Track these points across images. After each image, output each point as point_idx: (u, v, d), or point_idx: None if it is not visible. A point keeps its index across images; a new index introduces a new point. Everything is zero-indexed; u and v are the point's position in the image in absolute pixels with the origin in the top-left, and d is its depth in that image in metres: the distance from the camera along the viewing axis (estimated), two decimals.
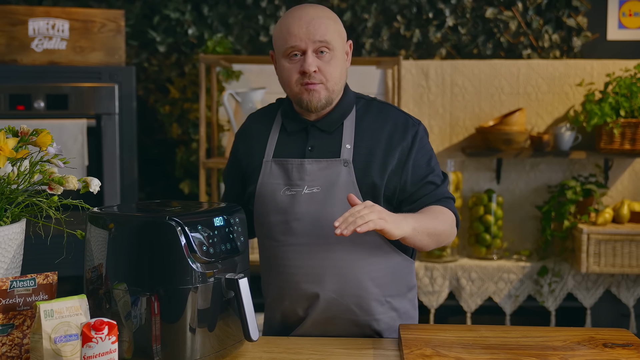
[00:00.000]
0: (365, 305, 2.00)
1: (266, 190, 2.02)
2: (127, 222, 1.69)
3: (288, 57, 1.97)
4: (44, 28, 3.50)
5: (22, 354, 1.65)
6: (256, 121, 2.16)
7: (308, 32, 1.93)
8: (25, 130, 1.77)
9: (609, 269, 3.64)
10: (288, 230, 2.00)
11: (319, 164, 1.99)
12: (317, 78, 1.96)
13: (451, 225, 2.03)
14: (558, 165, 4.05)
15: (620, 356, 1.70)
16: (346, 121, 2.04)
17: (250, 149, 2.10)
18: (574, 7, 4.12)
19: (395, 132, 2.03)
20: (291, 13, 1.99)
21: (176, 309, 1.64)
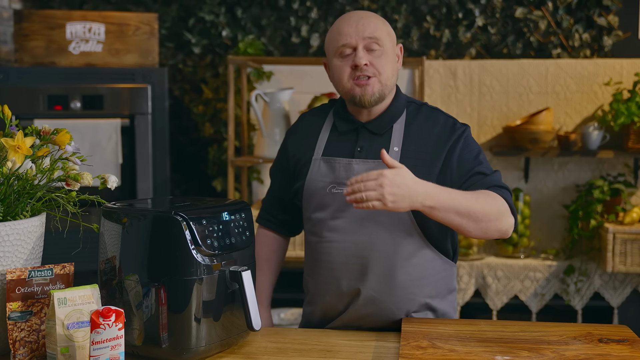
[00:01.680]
0: (403, 305, 2.06)
1: (313, 187, 2.10)
2: (137, 216, 1.79)
3: (340, 56, 2.05)
4: (81, 31, 3.64)
5: (39, 339, 1.76)
6: (308, 120, 2.23)
7: (357, 29, 2.02)
8: (47, 129, 1.88)
9: (636, 269, 3.64)
10: (332, 227, 2.06)
11: (366, 164, 2.05)
12: (369, 71, 2.02)
13: (498, 210, 1.94)
14: (587, 165, 4.05)
15: (612, 351, 1.74)
16: (396, 124, 2.09)
17: (300, 147, 2.18)
18: (604, 6, 4.11)
19: (442, 135, 2.06)
20: (341, 17, 2.09)
21: (182, 299, 1.73)
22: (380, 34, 2.04)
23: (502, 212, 1.96)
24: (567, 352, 1.72)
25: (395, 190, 1.81)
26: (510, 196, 2.02)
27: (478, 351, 1.73)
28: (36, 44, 3.64)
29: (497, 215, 1.94)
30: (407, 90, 4.10)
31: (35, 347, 1.76)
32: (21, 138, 1.72)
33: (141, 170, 3.59)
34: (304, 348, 1.88)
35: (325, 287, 2.11)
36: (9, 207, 1.80)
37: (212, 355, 1.80)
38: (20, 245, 1.77)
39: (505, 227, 1.98)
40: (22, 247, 1.78)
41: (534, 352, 1.73)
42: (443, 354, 1.71)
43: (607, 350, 1.74)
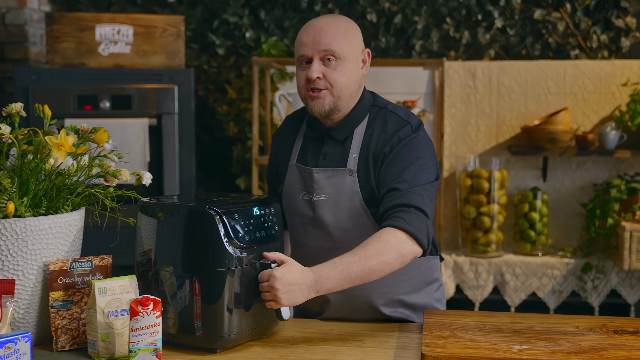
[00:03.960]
0: (373, 304, 2.12)
1: (289, 193, 2.15)
2: (172, 211, 1.88)
3: (299, 65, 2.07)
4: (110, 33, 3.75)
5: (79, 327, 1.86)
6: (288, 123, 2.28)
7: (314, 41, 2.01)
8: (85, 128, 1.98)
9: None
10: (304, 233, 2.14)
11: (325, 173, 2.08)
12: (321, 84, 2.02)
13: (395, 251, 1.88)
14: (604, 164, 4.11)
15: (627, 341, 1.81)
16: (357, 130, 2.10)
17: (280, 151, 2.23)
18: (622, 7, 4.17)
19: (386, 139, 2.06)
20: (306, 25, 2.09)
21: (215, 289, 1.82)
22: (336, 46, 2.01)
23: (398, 248, 1.89)
24: (583, 342, 1.80)
25: (287, 289, 1.80)
26: (416, 216, 1.93)
27: (497, 341, 1.81)
28: (67, 45, 3.75)
29: (395, 256, 1.88)
30: (427, 90, 4.18)
31: (76, 334, 1.86)
32: (64, 136, 1.81)
33: (168, 168, 3.69)
34: (330, 337, 1.96)
35: None
36: (51, 202, 1.90)
37: (243, 343, 1.89)
38: (62, 237, 1.87)
39: (409, 257, 1.92)
40: (63, 240, 1.88)
41: (551, 342, 1.80)
42: (464, 343, 1.79)
43: (622, 341, 1.81)
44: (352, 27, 2.10)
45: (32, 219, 1.80)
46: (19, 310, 1.83)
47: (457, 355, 1.71)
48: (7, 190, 1.82)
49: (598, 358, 1.68)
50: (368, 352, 1.84)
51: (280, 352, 1.85)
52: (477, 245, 3.98)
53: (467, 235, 4.04)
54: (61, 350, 1.84)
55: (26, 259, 1.81)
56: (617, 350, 1.74)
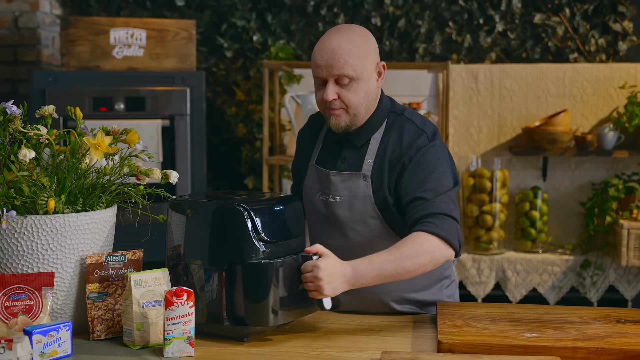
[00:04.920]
0: (384, 300, 2.23)
1: (308, 192, 2.26)
2: (202, 207, 1.99)
3: (316, 82, 2.15)
4: (124, 37, 3.87)
5: (114, 317, 1.97)
6: (311, 124, 2.38)
7: (328, 64, 2.06)
8: (116, 129, 2.09)
9: None
10: (321, 231, 2.25)
11: (341, 176, 2.17)
12: (337, 104, 2.10)
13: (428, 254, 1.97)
14: (602, 164, 4.24)
15: (630, 329, 1.93)
16: (374, 136, 2.17)
17: (304, 150, 2.34)
18: (619, 12, 4.30)
19: (403, 148, 2.12)
20: (320, 41, 2.11)
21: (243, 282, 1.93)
22: (349, 70, 2.05)
23: (432, 252, 1.97)
24: (589, 330, 1.92)
25: (329, 279, 1.89)
26: (447, 222, 2.01)
27: (508, 329, 1.93)
28: (82, 48, 3.86)
29: (429, 259, 1.97)
30: (431, 92, 4.30)
31: (111, 324, 1.97)
32: (101, 137, 1.93)
33: (180, 168, 3.81)
34: (350, 328, 2.08)
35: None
36: (86, 199, 2.01)
37: (267, 331, 2.00)
38: (97, 233, 1.98)
39: (442, 260, 2.00)
40: (98, 235, 1.99)
41: (558, 330, 1.92)
42: (477, 332, 1.91)
43: (625, 329, 1.93)
44: (366, 41, 2.12)
45: (71, 215, 1.91)
46: (57, 301, 1.94)
47: (472, 342, 1.83)
48: (46, 188, 1.92)
49: (604, 344, 1.80)
50: (386, 341, 1.96)
51: (304, 341, 1.96)
52: (480, 243, 4.11)
53: (469, 233, 4.17)
54: (97, 339, 1.95)
55: (65, 253, 1.92)
56: (621, 337, 1.86)
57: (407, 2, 4.40)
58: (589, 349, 1.78)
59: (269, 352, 1.87)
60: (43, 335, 1.77)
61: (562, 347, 1.79)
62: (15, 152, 1.93)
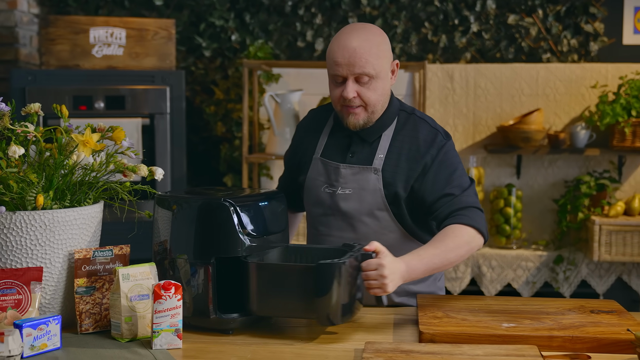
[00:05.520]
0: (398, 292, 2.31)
1: (312, 184, 2.32)
2: (188, 203, 2.03)
3: (333, 80, 2.19)
4: (104, 36, 3.89)
5: (102, 312, 2.00)
6: (314, 117, 2.44)
7: (349, 63, 2.11)
8: (102, 127, 2.12)
9: (620, 258, 3.93)
10: (326, 223, 2.30)
11: (352, 169, 2.24)
12: (356, 102, 2.17)
13: (466, 244, 2.11)
14: (574, 162, 4.34)
15: (603, 319, 2.00)
16: (385, 133, 2.25)
17: (305, 143, 2.39)
18: (591, 13, 4.39)
19: (421, 146, 2.21)
20: (338, 39, 2.16)
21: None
22: (370, 68, 2.12)
23: (470, 242, 2.13)
24: (564, 320, 1.99)
25: (392, 277, 1.96)
26: (476, 213, 2.15)
27: (487, 320, 1.99)
28: (61, 47, 3.87)
29: (467, 249, 2.13)
30: (408, 92, 4.37)
31: (98, 318, 2.00)
32: (89, 134, 1.96)
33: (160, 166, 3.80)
34: None
35: None
36: (74, 195, 2.04)
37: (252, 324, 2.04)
38: (85, 228, 2.01)
39: (476, 248, 2.17)
40: (86, 230, 2.02)
41: (535, 320, 1.99)
42: (457, 322, 1.97)
43: (598, 319, 2.00)
44: (383, 40, 2.19)
45: (59, 211, 1.94)
46: (45, 296, 1.96)
47: (452, 332, 1.89)
48: (34, 185, 1.95)
49: (579, 333, 1.87)
50: (369, 331, 2.01)
51: (289, 333, 2.01)
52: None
53: None
54: (85, 333, 1.98)
55: (53, 248, 1.95)
56: (595, 326, 1.93)
57: (384, 2, 4.47)
58: (565, 338, 1.85)
59: (254, 343, 1.91)
60: (33, 329, 1.80)
61: (539, 337, 1.86)
62: (3, 149, 1.96)
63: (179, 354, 1.83)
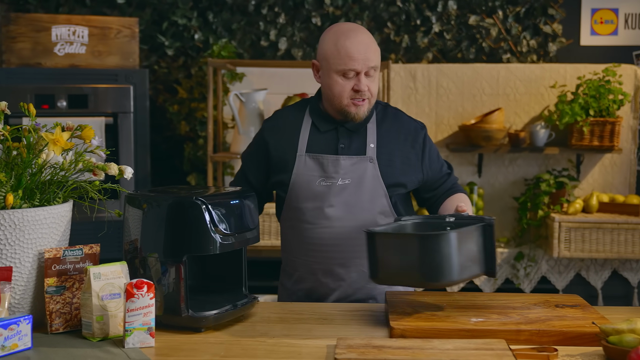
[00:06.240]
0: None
1: (301, 180, 2.38)
2: (160, 201, 2.03)
3: (343, 76, 2.32)
4: (66, 34, 3.85)
5: (72, 311, 1.99)
6: (285, 117, 2.50)
7: (365, 58, 2.29)
8: (71, 125, 2.11)
9: (579, 254, 4.01)
10: (323, 215, 2.37)
11: (351, 160, 2.36)
12: (366, 95, 2.33)
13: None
14: (534, 160, 4.42)
15: (567, 313, 2.05)
16: (369, 124, 2.41)
17: (282, 142, 2.44)
18: (550, 15, 4.48)
19: (409, 135, 2.43)
20: (348, 37, 2.32)
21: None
22: (377, 61, 2.33)
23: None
24: (530, 315, 2.03)
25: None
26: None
27: (456, 315, 2.03)
28: (23, 45, 3.83)
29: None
30: None
31: (69, 317, 1.99)
32: (59, 133, 1.95)
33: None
34: (304, 317, 2.15)
35: (318, 267, 2.41)
36: (43, 194, 2.03)
37: (225, 322, 2.05)
38: (54, 227, 2.00)
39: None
40: (56, 230, 2.01)
41: (502, 315, 2.03)
42: (427, 318, 2.00)
43: (563, 313, 2.06)
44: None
45: (29, 210, 1.93)
46: (15, 295, 1.95)
47: (422, 327, 1.92)
48: (3, 184, 1.94)
49: (545, 327, 1.91)
50: (340, 329, 2.03)
51: (260, 330, 2.02)
52: None
53: None
54: (55, 333, 1.97)
55: (23, 247, 1.93)
56: (560, 320, 1.98)
57: (347, 2, 4.50)
58: (532, 332, 1.90)
59: (227, 341, 1.92)
60: (4, 329, 1.78)
61: (507, 330, 1.90)
62: None
63: (152, 352, 1.83)
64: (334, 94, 2.35)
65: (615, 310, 2.20)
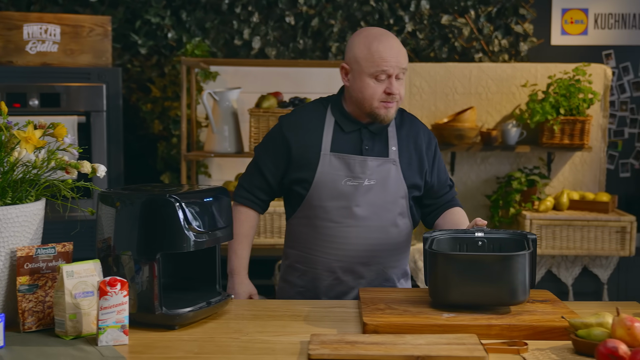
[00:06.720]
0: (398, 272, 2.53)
1: (326, 179, 2.40)
2: (133, 199, 2.03)
3: (375, 78, 2.35)
4: (38, 32, 3.82)
5: (45, 310, 1.98)
6: (306, 115, 2.49)
7: (398, 61, 2.34)
8: (43, 123, 2.10)
9: (550, 251, 4.07)
10: (349, 214, 2.41)
11: (377, 161, 2.42)
12: (396, 97, 2.37)
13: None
14: (506, 159, 4.47)
15: (538, 308, 2.09)
16: (390, 127, 2.47)
17: (304, 140, 2.44)
18: (521, 15, 4.53)
19: (424, 142, 2.51)
20: (380, 41, 2.35)
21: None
22: (406, 65, 2.38)
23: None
24: (501, 309, 2.06)
25: None
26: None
27: (428, 310, 2.05)
28: None
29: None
30: None
31: (42, 316, 1.98)
32: (32, 130, 1.94)
33: None
34: (277, 314, 2.16)
35: (338, 265, 2.45)
36: (15, 192, 2.02)
37: (199, 320, 2.06)
38: (27, 226, 1.99)
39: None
40: (28, 228, 2.00)
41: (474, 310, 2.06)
42: (399, 314, 2.02)
43: (533, 308, 2.09)
44: None
45: (1, 208, 1.92)
46: None
47: (395, 323, 1.94)
48: None
49: (516, 321, 1.94)
50: (314, 325, 2.05)
51: (234, 327, 2.03)
52: None
53: None
54: (28, 331, 1.96)
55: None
56: (530, 315, 2.01)
57: (320, 1, 4.52)
58: (502, 326, 1.93)
59: (201, 338, 1.93)
60: None
61: (478, 325, 1.93)
62: None
63: (125, 350, 1.83)
64: (364, 97, 2.37)
65: (585, 305, 2.24)
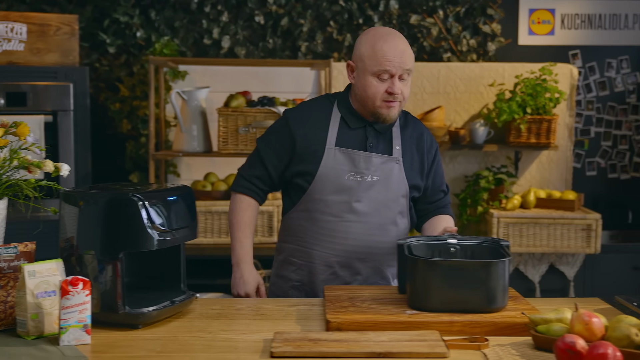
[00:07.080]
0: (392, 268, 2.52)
1: (330, 173, 2.41)
2: (96, 198, 2.02)
3: (377, 77, 2.35)
4: (3, 31, 3.79)
5: (6, 310, 1.97)
6: (312, 110, 2.50)
7: (401, 61, 2.33)
8: (5, 122, 2.09)
9: (517, 249, 4.11)
10: (350, 209, 2.42)
11: (381, 158, 2.44)
12: (399, 97, 2.37)
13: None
14: (474, 157, 4.51)
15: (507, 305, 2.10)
16: (394, 127, 2.48)
17: (310, 134, 2.45)
18: (489, 15, 4.57)
19: (426, 145, 2.53)
20: (385, 40, 2.36)
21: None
22: (411, 66, 2.38)
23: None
24: None
25: None
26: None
27: (391, 308, 2.07)
28: None
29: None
30: (314, 90, 4.43)
31: (3, 316, 1.97)
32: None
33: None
34: (242, 313, 2.16)
35: (336, 260, 2.46)
36: None
37: (163, 319, 2.05)
38: None
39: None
40: None
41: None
42: (363, 311, 2.03)
43: None
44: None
45: None
46: None
47: (358, 320, 1.96)
48: None
49: (477, 318, 1.96)
50: (278, 323, 2.05)
51: (198, 325, 2.03)
52: None
53: None
54: None
55: None
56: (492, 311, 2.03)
57: (290, 1, 4.52)
58: (464, 323, 1.94)
59: (164, 337, 1.93)
60: None
61: (440, 322, 1.95)
62: None
63: (88, 349, 1.83)
64: (367, 95, 2.38)
65: (547, 302, 2.26)
